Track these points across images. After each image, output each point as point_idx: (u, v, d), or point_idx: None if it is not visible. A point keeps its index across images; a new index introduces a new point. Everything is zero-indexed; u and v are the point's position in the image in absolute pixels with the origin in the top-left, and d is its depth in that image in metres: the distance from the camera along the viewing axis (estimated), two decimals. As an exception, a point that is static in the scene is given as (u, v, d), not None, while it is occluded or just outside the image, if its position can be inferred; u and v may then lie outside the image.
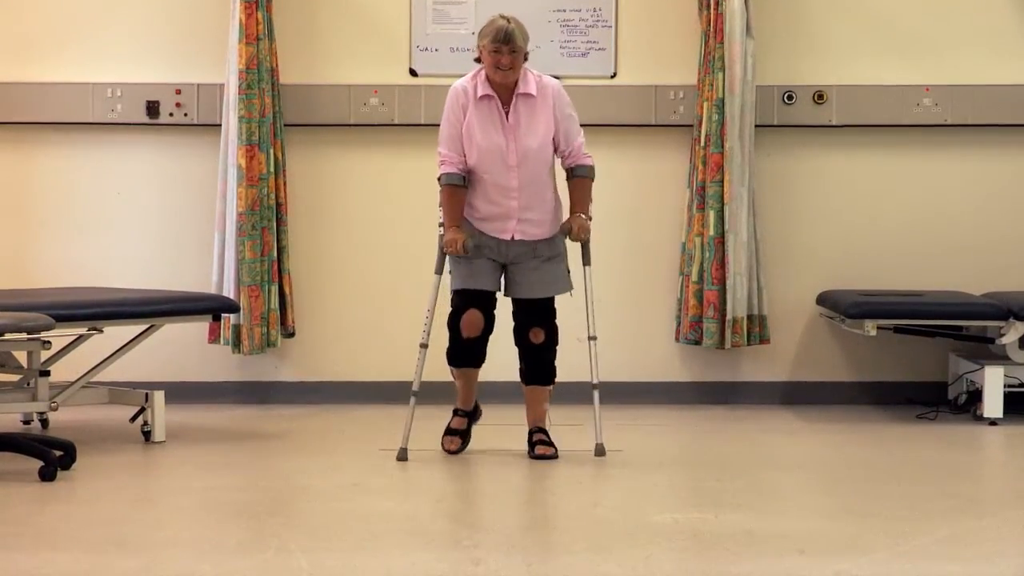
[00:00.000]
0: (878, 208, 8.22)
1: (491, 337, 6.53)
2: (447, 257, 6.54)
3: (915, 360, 8.20)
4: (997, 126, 8.15)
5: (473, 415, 6.75)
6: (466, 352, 6.53)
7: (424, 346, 6.58)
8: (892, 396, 8.16)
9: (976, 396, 7.68)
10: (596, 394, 6.59)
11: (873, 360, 8.22)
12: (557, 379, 6.61)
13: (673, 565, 4.99)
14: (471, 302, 6.48)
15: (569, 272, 6.59)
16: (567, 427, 6.81)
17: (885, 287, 8.08)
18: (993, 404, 7.55)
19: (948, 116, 8.12)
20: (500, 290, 6.58)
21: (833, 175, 8.22)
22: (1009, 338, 7.61)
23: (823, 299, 8.09)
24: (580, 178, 6.59)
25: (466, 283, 6.49)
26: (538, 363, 6.55)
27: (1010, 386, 7.61)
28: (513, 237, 6.49)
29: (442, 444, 6.65)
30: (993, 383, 7.55)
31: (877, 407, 8.08)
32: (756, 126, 8.03)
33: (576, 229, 6.53)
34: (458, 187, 6.47)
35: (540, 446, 6.51)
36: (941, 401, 7.98)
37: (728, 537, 5.29)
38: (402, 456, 6.45)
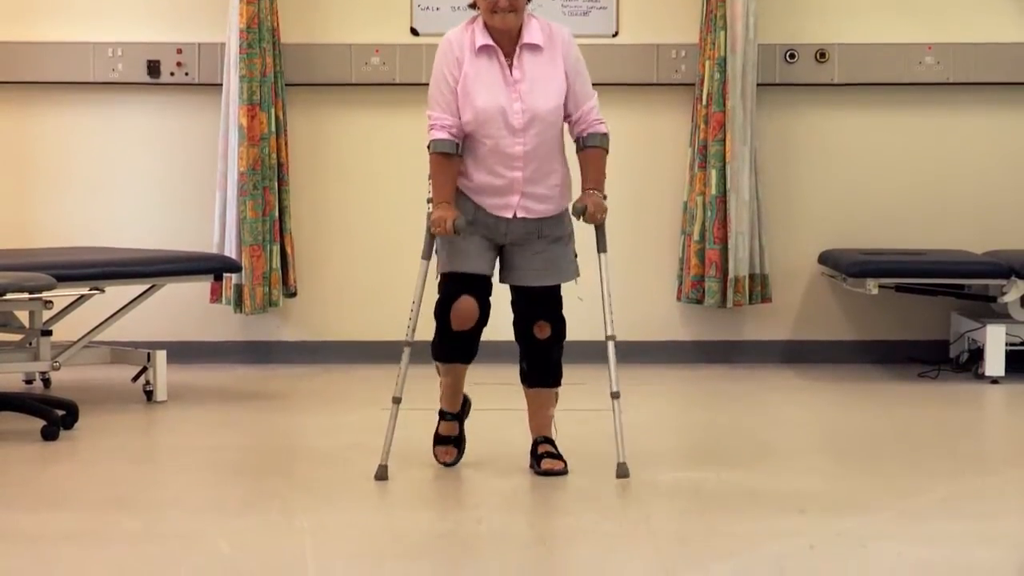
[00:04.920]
0: (880, 167, 8.20)
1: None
2: (436, 238, 5.52)
3: (917, 319, 8.20)
4: (999, 84, 8.13)
5: (463, 412, 5.83)
6: (456, 346, 5.59)
7: (408, 344, 5.57)
8: (894, 355, 8.16)
9: (978, 354, 7.68)
10: (616, 404, 5.55)
11: (874, 319, 8.21)
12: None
13: (675, 524, 5.00)
14: (464, 287, 5.50)
15: (576, 256, 5.62)
16: (568, 386, 6.77)
17: (887, 246, 8.07)
18: (995, 362, 7.56)
19: (950, 74, 8.09)
20: (494, 274, 5.63)
21: (835, 134, 8.20)
22: (1010, 296, 7.61)
23: (825, 258, 8.09)
24: (594, 148, 5.52)
25: (457, 265, 5.50)
26: (543, 362, 5.65)
27: (1012, 344, 7.62)
28: (515, 215, 5.51)
29: (435, 455, 5.74)
30: (995, 341, 7.56)
31: (879, 366, 8.08)
32: (758, 85, 8.01)
33: (592, 209, 5.46)
34: (450, 156, 5.45)
35: (547, 459, 5.61)
36: (943, 360, 7.98)
37: (730, 497, 5.30)
38: (382, 474, 5.49)
